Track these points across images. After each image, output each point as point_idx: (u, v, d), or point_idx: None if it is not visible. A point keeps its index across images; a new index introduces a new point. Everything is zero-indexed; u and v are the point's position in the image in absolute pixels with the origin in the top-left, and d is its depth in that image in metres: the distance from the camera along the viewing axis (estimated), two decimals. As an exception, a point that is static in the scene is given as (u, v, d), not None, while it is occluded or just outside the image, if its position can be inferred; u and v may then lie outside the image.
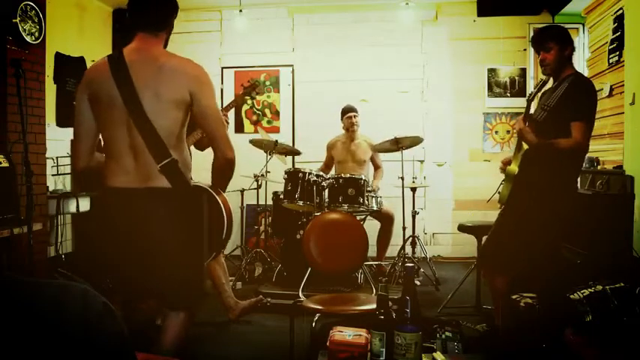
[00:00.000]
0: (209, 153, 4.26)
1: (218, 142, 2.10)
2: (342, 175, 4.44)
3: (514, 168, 2.89)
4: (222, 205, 2.29)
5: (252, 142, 4.95)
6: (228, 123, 3.63)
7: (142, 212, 2.02)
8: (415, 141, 4.64)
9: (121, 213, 2.03)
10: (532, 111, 2.98)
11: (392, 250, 5.12)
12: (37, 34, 4.28)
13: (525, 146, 2.89)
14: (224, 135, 2.12)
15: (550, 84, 3.01)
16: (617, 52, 4.44)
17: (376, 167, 5.26)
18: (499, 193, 3.02)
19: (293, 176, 4.36)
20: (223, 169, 2.15)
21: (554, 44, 2.87)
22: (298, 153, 5.28)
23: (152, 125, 1.97)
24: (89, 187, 4.76)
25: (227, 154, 2.11)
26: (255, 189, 5.12)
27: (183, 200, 2.07)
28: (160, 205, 2.03)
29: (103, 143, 2.10)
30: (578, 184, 4.34)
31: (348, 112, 5.10)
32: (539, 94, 3.04)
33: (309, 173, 4.33)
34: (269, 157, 4.92)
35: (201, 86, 2.05)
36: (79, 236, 5.25)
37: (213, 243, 2.30)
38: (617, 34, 4.43)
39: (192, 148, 3.45)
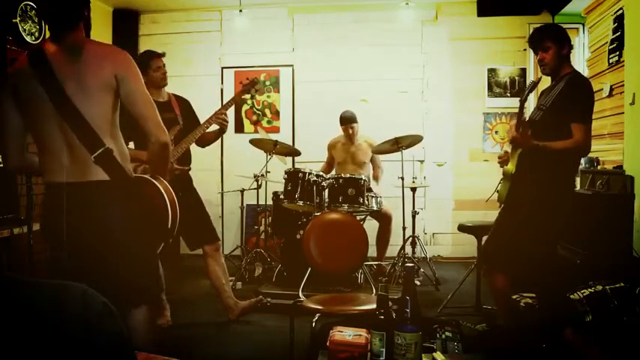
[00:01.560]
0: (206, 153, 4.22)
1: (150, 126, 2.04)
2: (342, 175, 4.44)
3: (511, 167, 2.89)
4: (164, 193, 2.22)
5: (252, 141, 4.95)
6: (227, 122, 3.62)
7: (83, 207, 1.98)
8: (415, 140, 4.64)
9: (61, 209, 1.98)
10: (528, 112, 2.98)
11: (392, 250, 5.12)
12: (37, 34, 4.28)
13: None
14: (155, 118, 2.07)
15: (547, 83, 3.01)
16: (617, 52, 4.44)
17: (376, 167, 5.26)
18: (497, 192, 3.03)
19: (293, 176, 4.36)
20: (159, 153, 2.11)
21: (552, 43, 2.87)
22: (298, 153, 5.28)
23: (81, 115, 1.94)
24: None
25: (160, 138, 2.07)
26: (255, 189, 5.12)
27: (124, 192, 2.03)
28: (101, 198, 1.99)
29: (35, 142, 2.07)
30: (578, 184, 4.34)
31: (344, 123, 5.07)
32: (537, 95, 3.04)
33: (309, 173, 4.33)
34: (269, 157, 4.92)
35: (127, 69, 2.01)
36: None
37: (160, 233, 2.24)
38: (617, 34, 4.43)
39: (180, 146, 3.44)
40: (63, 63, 1.97)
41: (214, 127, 3.59)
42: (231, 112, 5.96)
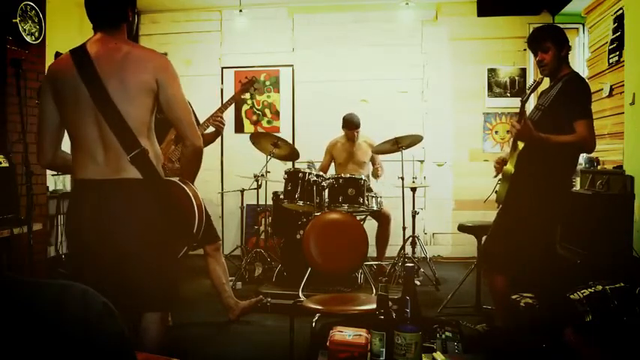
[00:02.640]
0: (206, 153, 4.24)
1: (187, 131, 2.09)
2: (342, 175, 4.44)
3: (510, 168, 2.89)
4: (192, 197, 2.24)
5: (252, 138, 4.94)
6: (223, 125, 3.59)
7: (114, 204, 1.98)
8: (415, 140, 4.64)
9: (92, 205, 1.99)
10: (528, 112, 2.97)
11: (392, 250, 5.12)
12: (37, 34, 4.28)
13: (521, 146, 2.88)
14: (192, 123, 2.12)
15: (546, 84, 3.01)
16: (617, 52, 4.44)
17: (374, 164, 5.26)
18: (496, 192, 3.03)
19: (293, 176, 4.36)
20: (193, 158, 2.15)
21: (551, 44, 2.86)
22: (297, 157, 5.21)
23: (120, 114, 1.96)
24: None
25: (196, 143, 2.11)
26: (255, 189, 5.12)
27: (155, 192, 2.04)
28: (132, 196, 2.00)
29: (70, 139, 2.07)
30: (578, 184, 4.35)
31: (351, 127, 5.07)
32: (536, 96, 3.04)
33: (309, 173, 4.33)
34: (269, 157, 4.92)
35: (167, 74, 2.05)
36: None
37: (185, 237, 2.25)
38: (617, 34, 4.43)
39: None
40: (106, 63, 1.98)
41: (212, 128, 3.58)
42: (231, 112, 5.97)
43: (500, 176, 3.01)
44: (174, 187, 2.23)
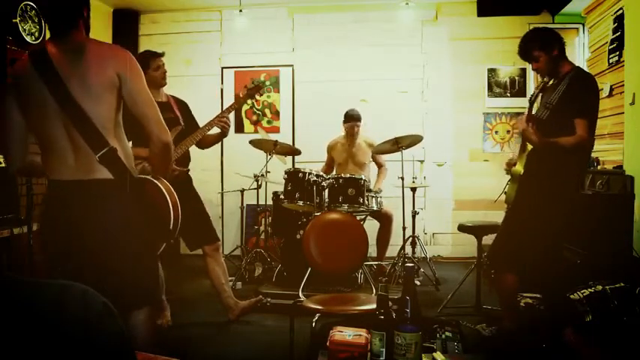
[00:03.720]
0: (206, 153, 4.21)
1: (152, 126, 2.04)
2: (342, 175, 4.44)
3: (519, 169, 2.89)
4: (166, 193, 2.23)
5: (252, 142, 4.95)
6: (228, 126, 3.59)
7: (87, 206, 1.97)
8: (415, 140, 4.63)
9: (65, 207, 1.98)
10: (534, 111, 2.97)
11: (392, 250, 5.11)
12: (37, 34, 4.28)
13: (530, 147, 2.88)
14: (157, 118, 2.06)
15: (551, 82, 3.00)
16: (617, 52, 4.44)
17: (379, 166, 5.25)
18: (505, 193, 3.02)
19: (293, 176, 4.36)
20: (161, 153, 2.11)
21: (540, 52, 2.84)
22: (298, 153, 5.27)
23: (86, 114, 1.93)
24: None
25: (162, 137, 2.07)
26: (255, 189, 5.12)
27: (128, 191, 2.02)
28: (104, 197, 1.99)
29: (39, 142, 2.05)
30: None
31: (351, 120, 5.06)
32: (537, 89, 3.03)
33: (309, 173, 4.33)
34: (269, 157, 4.92)
35: (129, 68, 2.01)
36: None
37: (162, 234, 2.24)
38: (617, 34, 4.43)
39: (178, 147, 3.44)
40: (65, 63, 1.96)
41: (215, 129, 3.58)
42: (231, 112, 5.96)
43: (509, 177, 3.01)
44: (147, 185, 2.21)
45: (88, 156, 1.97)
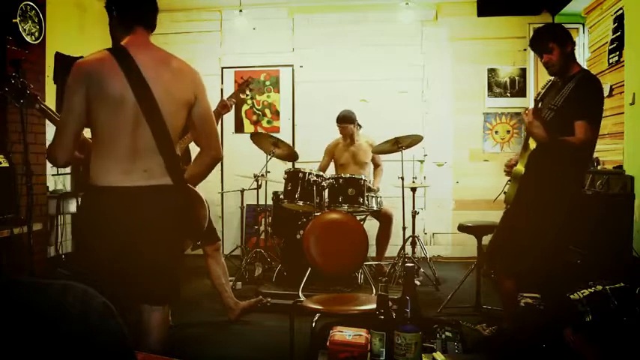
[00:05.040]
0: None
1: (214, 142, 2.19)
2: (342, 175, 4.44)
3: (520, 168, 2.88)
4: (205, 201, 2.35)
5: (253, 137, 4.94)
6: (231, 106, 3.72)
7: (147, 210, 2.00)
8: (415, 140, 4.63)
9: (121, 211, 1.98)
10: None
11: (392, 250, 5.12)
12: (37, 34, 4.28)
13: (532, 146, 2.87)
14: (217, 134, 2.25)
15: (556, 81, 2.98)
16: (617, 52, 4.45)
17: (376, 165, 5.26)
18: (505, 193, 3.01)
19: (293, 176, 4.36)
20: (212, 166, 2.24)
21: (554, 44, 2.84)
22: (296, 158, 5.23)
23: (165, 123, 1.99)
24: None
25: (220, 153, 2.22)
26: (255, 189, 5.12)
27: (184, 197, 2.12)
28: (165, 202, 2.03)
29: (97, 141, 2.02)
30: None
31: (342, 122, 5.07)
32: (537, 89, 3.02)
33: (309, 173, 4.33)
34: (269, 157, 4.92)
35: (202, 88, 2.14)
36: (79, 236, 5.25)
37: (195, 234, 2.42)
38: (617, 34, 4.43)
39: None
40: (152, 70, 1.99)
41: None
42: (231, 112, 5.94)
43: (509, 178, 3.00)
44: (193, 190, 2.30)
45: (153, 162, 2.00)
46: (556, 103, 2.82)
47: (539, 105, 2.86)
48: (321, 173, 4.46)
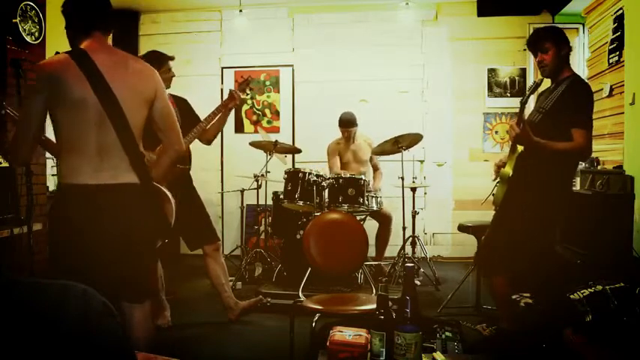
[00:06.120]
0: (206, 153, 4.21)
1: (176, 137, 2.24)
2: (342, 175, 4.44)
3: (508, 170, 2.88)
4: (170, 197, 2.36)
5: (252, 144, 4.96)
6: (237, 98, 3.60)
7: (113, 208, 2.03)
8: (415, 140, 4.64)
9: (91, 210, 2.01)
10: (527, 113, 2.97)
11: (392, 250, 5.12)
12: (37, 34, 4.28)
13: (520, 148, 2.87)
14: (178, 129, 2.28)
15: (547, 85, 3.00)
16: (617, 52, 4.44)
17: (375, 169, 5.26)
18: (493, 195, 3.02)
19: (293, 176, 4.36)
20: (176, 160, 2.30)
21: (551, 45, 2.86)
22: (298, 151, 5.28)
23: (127, 121, 2.03)
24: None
25: (182, 148, 2.27)
26: (255, 189, 5.12)
27: (149, 194, 2.14)
28: (131, 200, 2.07)
29: (61, 142, 2.05)
30: (578, 184, 4.34)
31: (343, 125, 5.06)
32: (536, 96, 3.03)
33: (309, 173, 4.33)
34: (269, 157, 4.92)
35: (161, 86, 2.19)
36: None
37: (164, 232, 2.40)
38: (617, 34, 4.43)
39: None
40: (111, 70, 2.03)
41: (212, 127, 3.61)
42: (231, 112, 5.96)
43: (498, 179, 3.01)
44: (159, 188, 2.32)
45: (118, 160, 2.04)
46: (545, 106, 2.85)
47: (524, 107, 2.88)
48: (321, 173, 4.45)
